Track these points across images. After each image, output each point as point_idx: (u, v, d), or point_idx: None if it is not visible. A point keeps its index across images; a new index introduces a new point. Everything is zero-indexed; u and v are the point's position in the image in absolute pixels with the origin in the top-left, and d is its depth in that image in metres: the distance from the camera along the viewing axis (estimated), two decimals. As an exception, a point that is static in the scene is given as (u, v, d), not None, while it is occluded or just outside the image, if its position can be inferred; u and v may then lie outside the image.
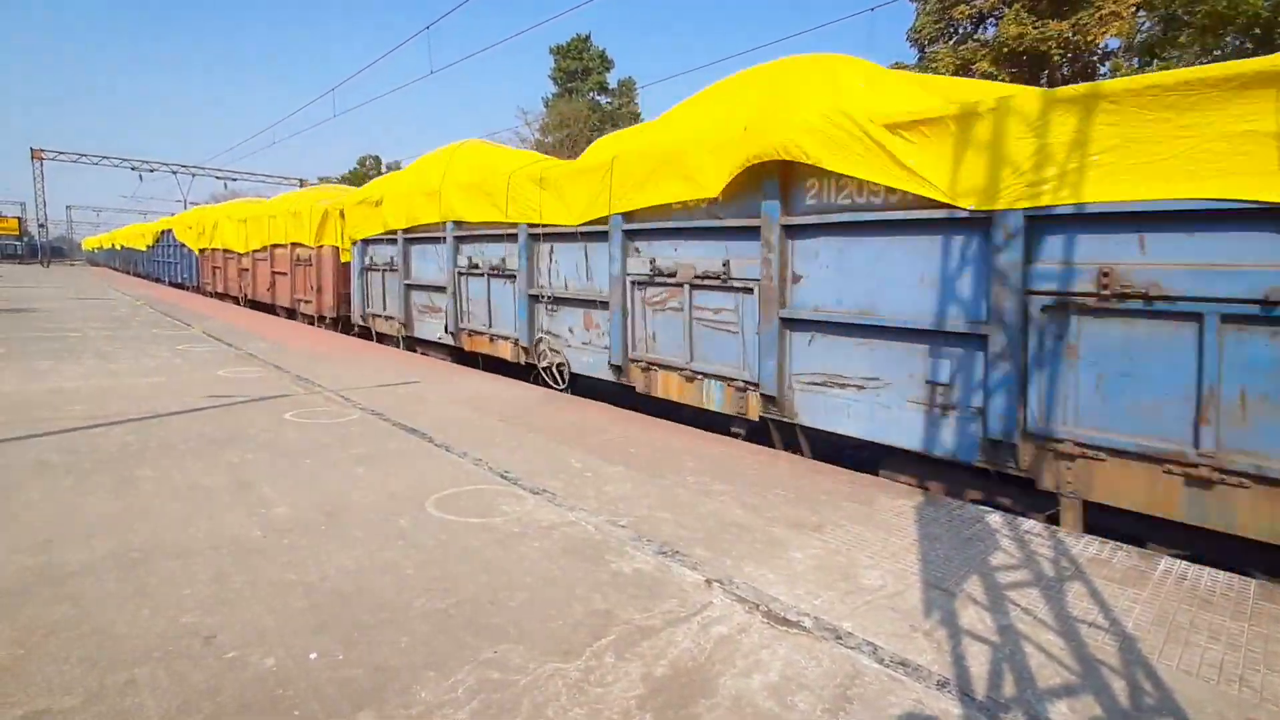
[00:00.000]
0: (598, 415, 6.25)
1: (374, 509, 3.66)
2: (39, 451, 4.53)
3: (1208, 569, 3.23)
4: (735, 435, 5.66)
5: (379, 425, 5.52)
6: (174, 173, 45.06)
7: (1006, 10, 22.17)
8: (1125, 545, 3.50)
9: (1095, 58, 22.44)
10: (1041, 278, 3.82)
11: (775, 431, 5.39)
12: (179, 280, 26.81)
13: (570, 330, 7.30)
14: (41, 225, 46.46)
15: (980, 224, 4.04)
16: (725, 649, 2.41)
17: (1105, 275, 3.56)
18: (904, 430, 4.51)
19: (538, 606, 2.67)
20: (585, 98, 44.05)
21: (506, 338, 8.26)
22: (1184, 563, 3.30)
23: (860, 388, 4.76)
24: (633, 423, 6.00)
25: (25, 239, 58.15)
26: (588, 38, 44.71)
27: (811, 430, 5.15)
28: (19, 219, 57.93)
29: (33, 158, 41.26)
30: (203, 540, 3.20)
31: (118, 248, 45.25)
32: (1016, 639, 2.53)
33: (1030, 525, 3.72)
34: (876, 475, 4.69)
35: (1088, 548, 3.45)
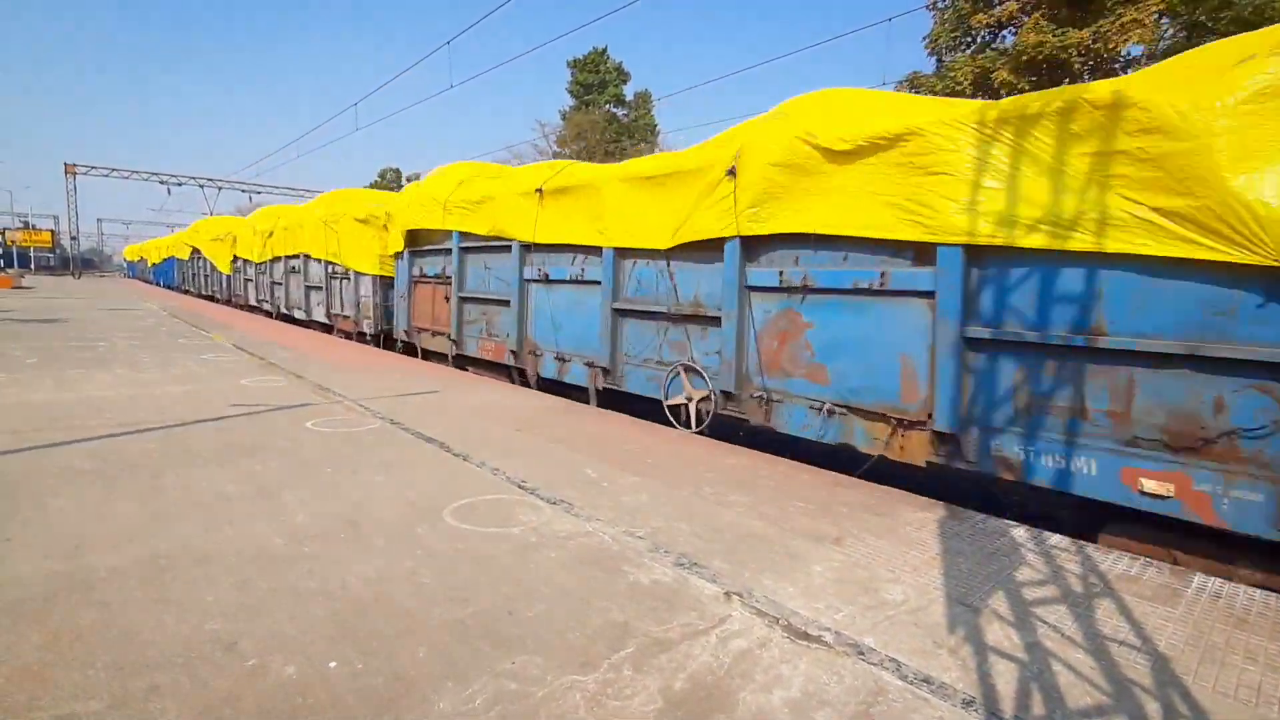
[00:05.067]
0: (616, 426, 6.24)
1: (393, 518, 3.68)
2: (69, 459, 4.63)
3: (1243, 587, 3.14)
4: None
5: (398, 434, 5.57)
6: (201, 186, 46.12)
7: (1025, 19, 22.02)
8: (1156, 562, 3.41)
9: (1117, 65, 22.20)
10: None
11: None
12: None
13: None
14: (74, 238, 47.74)
15: None
16: (745, 663, 2.38)
17: None
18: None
19: (555, 617, 2.66)
20: (602, 110, 44.42)
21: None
22: (1218, 580, 3.20)
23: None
24: (652, 434, 5.98)
25: (58, 251, 59.84)
26: (604, 51, 45.15)
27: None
28: (52, 231, 59.64)
29: (66, 172, 42.47)
30: (226, 547, 3.24)
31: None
32: (1044, 657, 2.47)
33: (1057, 540, 3.63)
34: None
35: (1117, 564, 3.36)
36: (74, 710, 2.05)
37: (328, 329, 14.82)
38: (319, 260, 14.56)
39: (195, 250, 28.45)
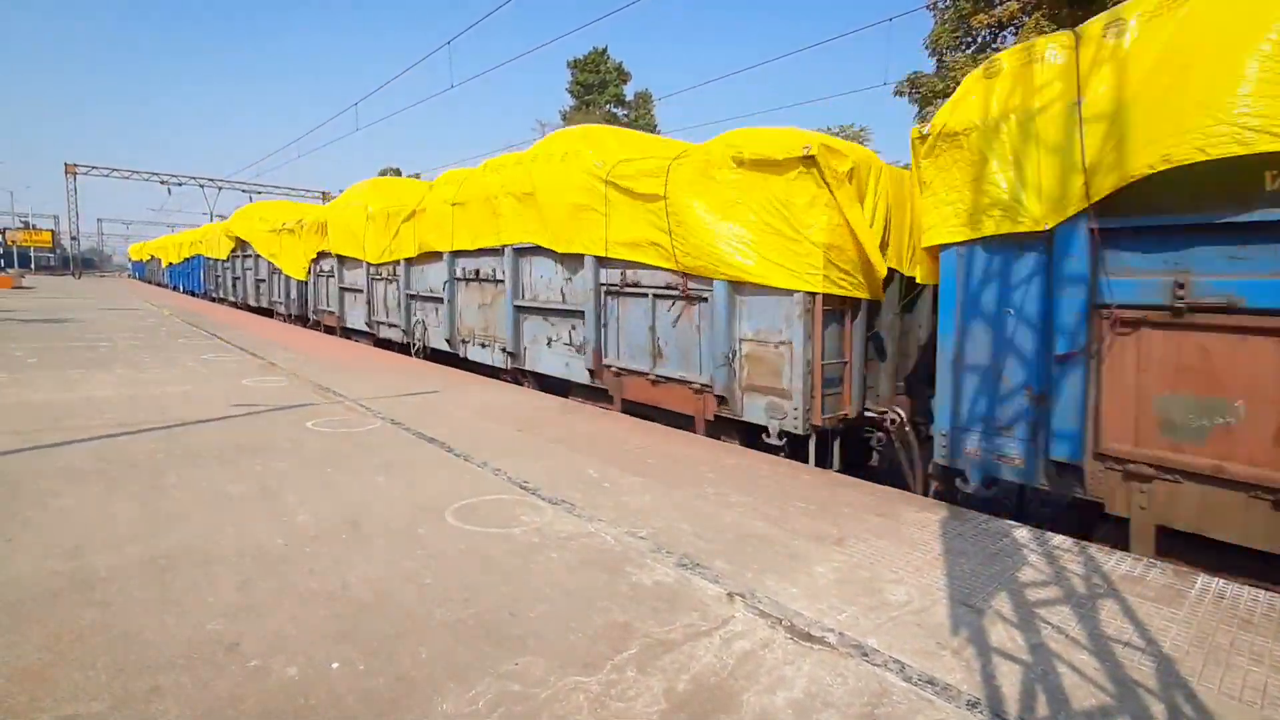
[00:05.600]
0: (616, 426, 6.24)
1: (395, 518, 3.67)
2: (70, 459, 4.62)
3: (1247, 588, 3.13)
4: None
5: (399, 434, 5.56)
6: (201, 186, 46.12)
7: (1026, 19, 22.02)
8: (1159, 563, 3.40)
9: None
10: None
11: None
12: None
13: None
14: (74, 238, 47.73)
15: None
16: (748, 664, 2.37)
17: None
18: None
19: (557, 618, 2.65)
20: (602, 110, 44.40)
21: None
22: (1222, 581, 3.19)
23: None
24: (651, 434, 5.97)
25: (58, 251, 59.84)
26: (605, 51, 45.14)
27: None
28: (52, 231, 59.65)
29: (66, 172, 42.47)
30: (227, 548, 3.23)
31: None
32: (1049, 658, 2.46)
33: (1059, 540, 3.62)
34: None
35: (1120, 564, 3.35)
36: (76, 711, 2.04)
37: (556, 389, 7.99)
38: (577, 256, 7.24)
39: (241, 245, 20.68)
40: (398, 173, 64.45)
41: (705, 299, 5.92)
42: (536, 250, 7.94)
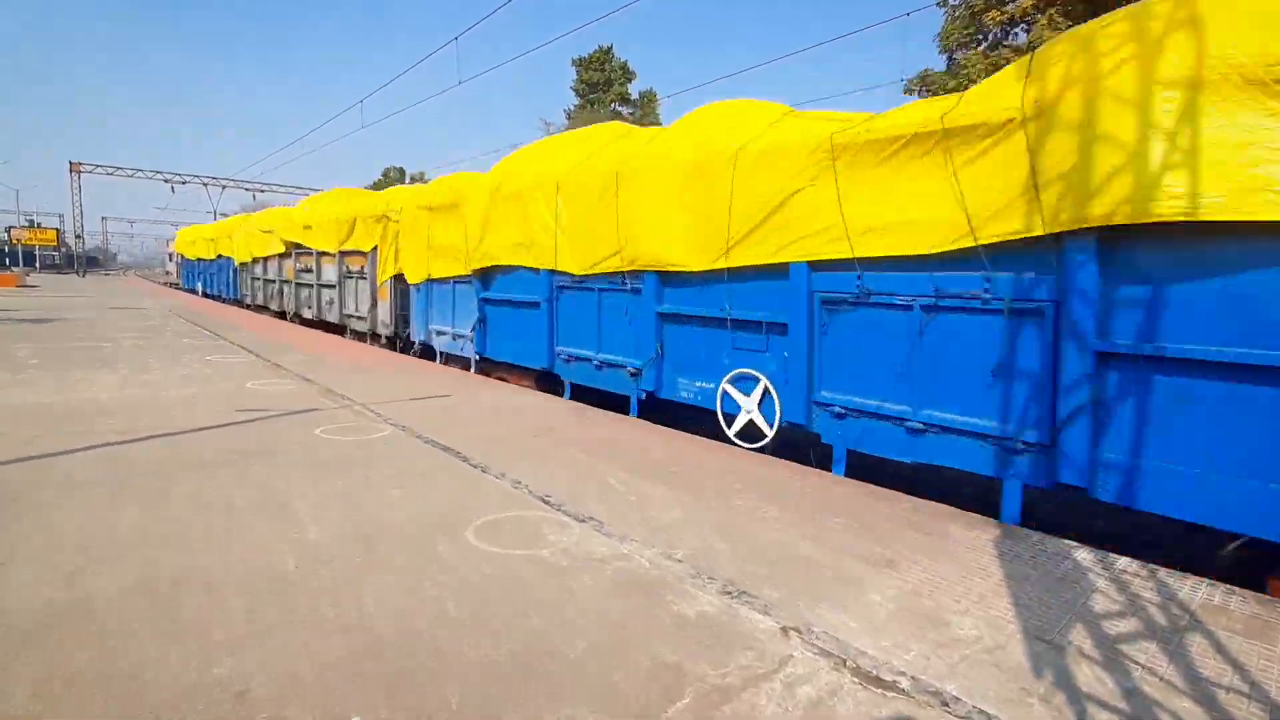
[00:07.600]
0: (631, 430, 6.00)
1: (412, 538, 3.44)
2: (71, 467, 4.39)
3: (1338, 619, 2.88)
4: None
5: (411, 442, 5.33)
6: (205, 185, 45.95)
7: (1039, 16, 21.70)
8: (1238, 590, 3.16)
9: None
10: None
11: None
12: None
13: None
14: (78, 236, 47.61)
15: None
16: (817, 716, 2.12)
17: None
18: None
19: (599, 657, 2.41)
20: (607, 109, 44.10)
21: None
22: (1311, 611, 2.94)
23: None
24: (670, 439, 5.73)
25: (62, 249, 59.75)
26: (610, 49, 44.84)
27: None
28: (57, 230, 59.57)
29: (71, 170, 42.33)
30: (235, 569, 3.00)
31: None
32: (1147, 706, 2.22)
33: (1126, 564, 3.38)
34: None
35: (1196, 591, 3.11)
36: (67, 772, 1.81)
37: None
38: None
39: None
40: (401, 171, 64.24)
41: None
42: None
